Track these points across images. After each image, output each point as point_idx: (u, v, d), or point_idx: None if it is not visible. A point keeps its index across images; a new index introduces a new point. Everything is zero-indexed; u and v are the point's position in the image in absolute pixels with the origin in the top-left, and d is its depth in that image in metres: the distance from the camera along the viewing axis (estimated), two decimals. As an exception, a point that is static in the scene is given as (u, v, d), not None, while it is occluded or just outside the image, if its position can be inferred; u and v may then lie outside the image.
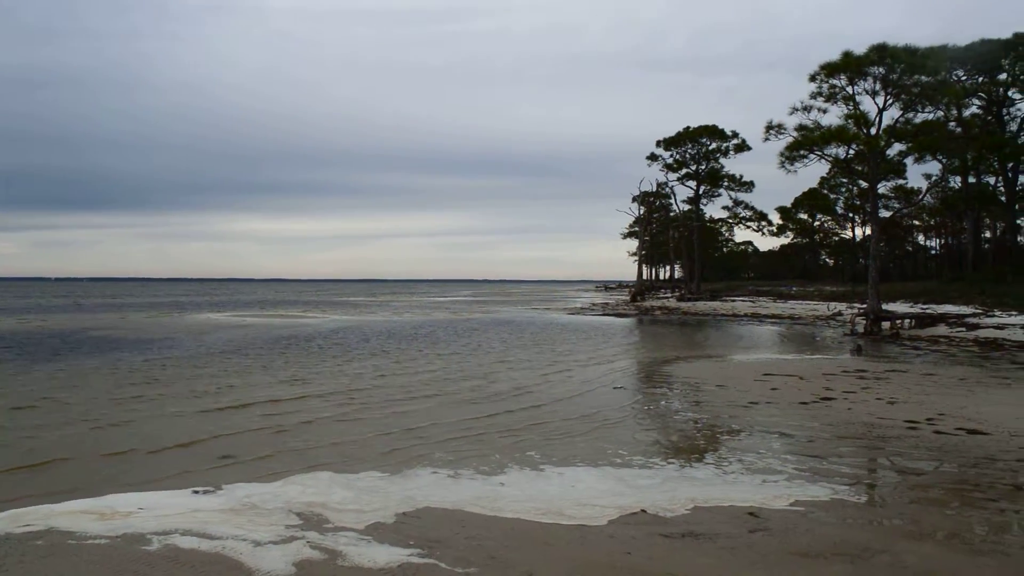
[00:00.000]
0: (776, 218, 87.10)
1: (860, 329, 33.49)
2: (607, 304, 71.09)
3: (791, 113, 36.39)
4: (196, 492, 8.16)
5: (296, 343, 28.55)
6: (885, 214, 58.33)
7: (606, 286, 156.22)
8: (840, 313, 43.97)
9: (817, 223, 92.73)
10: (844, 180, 69.65)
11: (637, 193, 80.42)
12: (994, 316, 33.97)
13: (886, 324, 33.65)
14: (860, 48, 34.34)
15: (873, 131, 34.98)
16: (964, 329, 31.15)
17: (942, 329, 32.10)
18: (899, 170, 55.80)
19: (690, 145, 70.32)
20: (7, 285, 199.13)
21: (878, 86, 34.53)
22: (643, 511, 7.48)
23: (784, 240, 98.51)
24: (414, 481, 8.73)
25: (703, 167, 70.86)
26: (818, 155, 36.56)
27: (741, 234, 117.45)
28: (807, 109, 35.94)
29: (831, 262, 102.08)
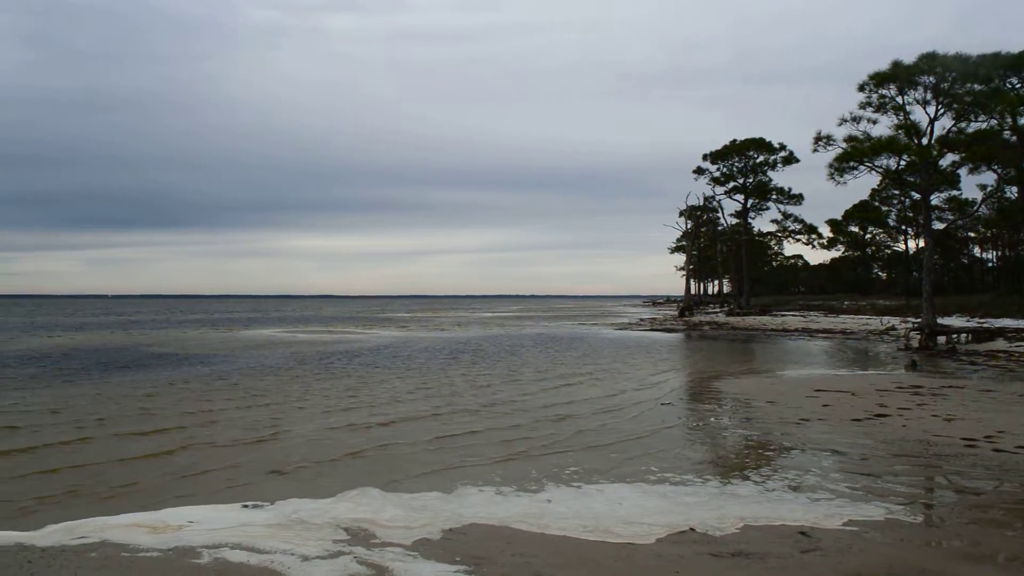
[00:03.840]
0: (826, 231, 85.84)
1: (915, 344, 32.80)
2: (655, 319, 70.61)
3: (840, 124, 35.84)
4: (246, 506, 8.24)
5: (346, 359, 28.80)
6: (939, 226, 56.98)
7: (654, 301, 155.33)
8: (894, 328, 43.13)
9: (869, 236, 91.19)
10: (896, 192, 68.40)
11: (684, 207, 79.99)
12: (1055, 330, 33.02)
13: (941, 339, 32.92)
14: (910, 57, 33.83)
15: (925, 141, 34.35)
16: None
17: (1000, 343, 31.29)
18: (952, 181, 54.66)
19: (737, 158, 69.70)
20: (68, 302, 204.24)
21: (929, 95, 33.91)
22: (691, 529, 7.38)
23: (835, 253, 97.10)
24: (461, 498, 8.72)
25: (750, 180, 70.16)
26: (868, 166, 35.93)
27: (791, 248, 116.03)
28: (856, 120, 35.39)
29: (884, 275, 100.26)
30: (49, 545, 6.85)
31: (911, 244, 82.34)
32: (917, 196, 40.44)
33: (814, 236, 75.10)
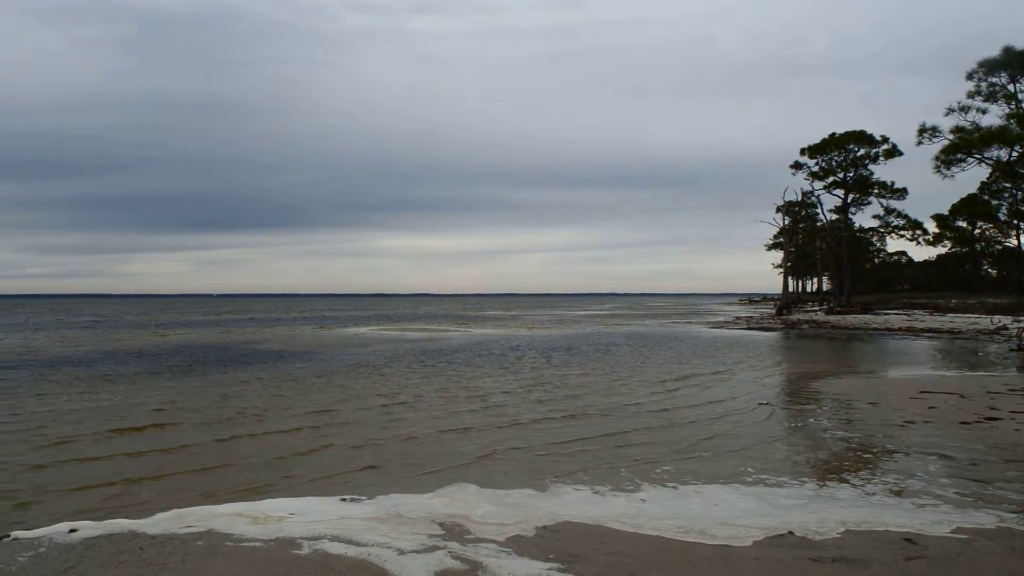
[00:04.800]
0: (932, 226, 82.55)
1: (1028, 344, 31.29)
2: (751, 318, 69.21)
3: (947, 114, 34.56)
4: (344, 500, 8.44)
5: (441, 356, 29.18)
6: (1055, 220, 54.23)
7: (750, 299, 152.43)
8: (1005, 327, 41.21)
9: (978, 231, 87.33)
10: (1007, 184, 65.39)
11: (781, 203, 78.14)
12: None
13: (1058, 339, 31.30)
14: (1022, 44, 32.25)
15: (1040, 132, 32.69)
16: None
17: (1123, 344, 29.55)
18: (1070, 173, 51.77)
19: (836, 152, 67.70)
20: (177, 301, 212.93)
21: (1045, 83, 32.26)
22: (790, 533, 7.21)
23: (941, 250, 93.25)
24: (555, 496, 8.74)
25: (851, 174, 68.06)
26: (977, 158, 34.48)
27: (894, 244, 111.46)
28: (964, 110, 34.03)
29: (994, 272, 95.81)
30: (159, 533, 7.15)
31: (1024, 239, 78.58)
32: (1031, 189, 38.41)
33: (919, 232, 72.53)
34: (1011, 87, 32.89)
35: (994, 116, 33.92)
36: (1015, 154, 34.70)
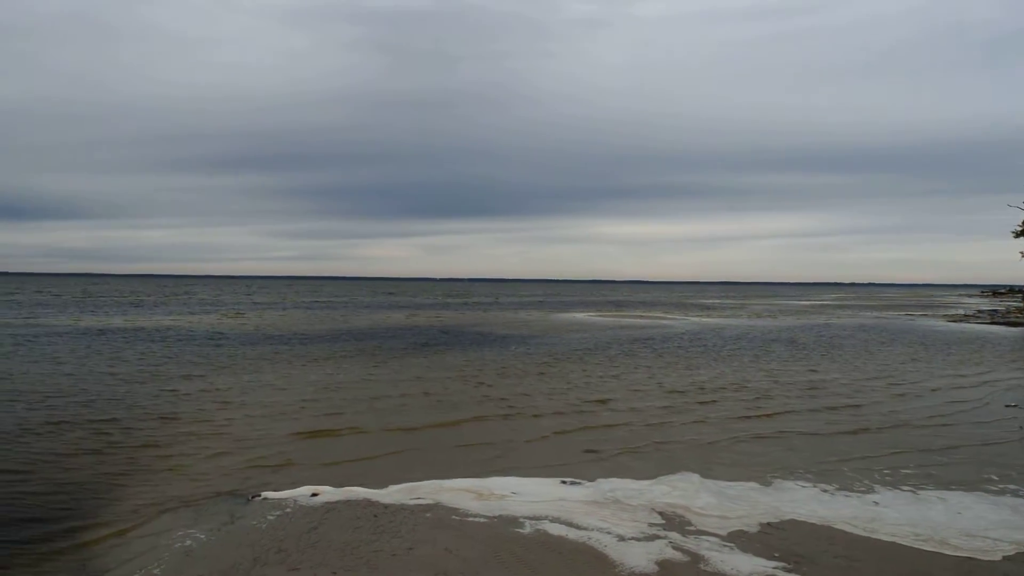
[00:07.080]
0: None
1: None
2: (996, 311, 63.47)
3: None
4: (564, 482, 8.59)
5: (659, 343, 28.99)
6: None
7: (993, 291, 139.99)
8: None
9: None
10: None
11: (1035, 186, 70.95)
12: None
13: None
14: None
15: None
16: None
17: None
18: None
19: (1106, 130, 60.51)
20: (404, 285, 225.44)
21: None
22: (1047, 550, 6.58)
23: None
24: (780, 492, 8.45)
25: (1123, 155, 60.64)
26: None
27: None
28: None
29: None
30: (391, 502, 7.62)
31: None
32: None
33: None
34: None
35: None
36: None
